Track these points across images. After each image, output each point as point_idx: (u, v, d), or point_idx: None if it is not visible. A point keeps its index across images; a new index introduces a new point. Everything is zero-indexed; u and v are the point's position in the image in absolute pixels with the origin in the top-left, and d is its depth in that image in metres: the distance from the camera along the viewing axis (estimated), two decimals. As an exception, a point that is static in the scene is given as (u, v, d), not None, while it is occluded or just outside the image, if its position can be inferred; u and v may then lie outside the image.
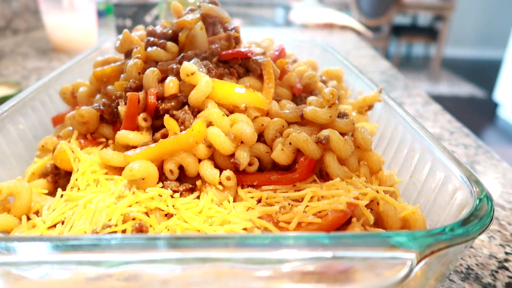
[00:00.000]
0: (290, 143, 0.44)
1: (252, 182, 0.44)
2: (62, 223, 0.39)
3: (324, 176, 0.45)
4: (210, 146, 0.44)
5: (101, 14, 1.88)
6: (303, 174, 0.43)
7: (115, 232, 0.37)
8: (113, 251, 0.27)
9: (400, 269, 0.28)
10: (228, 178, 0.43)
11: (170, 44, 0.55)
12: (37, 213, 0.42)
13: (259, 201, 0.42)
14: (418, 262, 0.28)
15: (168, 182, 0.43)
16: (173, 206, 0.40)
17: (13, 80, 1.08)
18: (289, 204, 0.40)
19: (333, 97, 0.46)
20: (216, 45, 0.54)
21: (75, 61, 0.71)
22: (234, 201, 0.42)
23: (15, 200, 0.42)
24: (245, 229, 0.37)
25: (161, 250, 0.27)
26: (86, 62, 0.74)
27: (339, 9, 2.65)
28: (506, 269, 0.47)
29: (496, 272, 0.46)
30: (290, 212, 0.39)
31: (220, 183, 0.43)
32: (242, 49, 0.53)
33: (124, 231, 0.37)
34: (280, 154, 0.44)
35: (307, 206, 0.39)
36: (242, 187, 0.44)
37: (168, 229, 0.38)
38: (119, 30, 1.28)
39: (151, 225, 0.38)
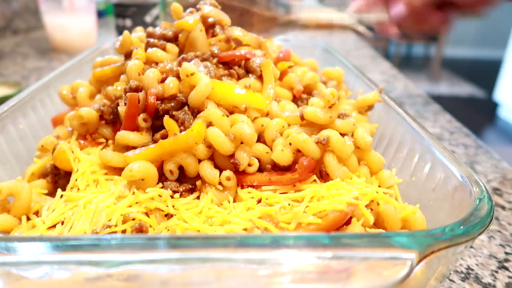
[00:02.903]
0: (290, 144, 0.44)
1: (252, 182, 0.44)
2: (62, 223, 0.39)
3: (324, 176, 0.45)
4: (210, 146, 0.44)
5: (101, 14, 1.88)
6: (303, 174, 0.43)
7: (115, 232, 0.37)
8: (113, 251, 0.27)
9: (400, 269, 0.28)
10: (228, 179, 0.43)
11: (170, 45, 0.55)
12: (36, 213, 0.42)
13: (259, 201, 0.42)
14: (418, 262, 0.28)
15: (168, 182, 0.43)
16: (173, 206, 0.40)
17: (13, 80, 1.08)
18: (289, 204, 0.40)
19: (333, 97, 0.46)
20: (216, 47, 0.54)
21: (75, 61, 0.71)
22: (234, 201, 0.42)
23: (14, 201, 0.42)
24: (245, 229, 0.37)
25: (161, 250, 0.27)
26: (86, 62, 0.74)
27: (339, 9, 2.65)
28: (506, 269, 0.47)
29: (496, 272, 0.46)
30: (290, 213, 0.39)
31: (220, 183, 0.43)
32: (242, 51, 0.53)
33: (124, 231, 0.37)
34: (280, 154, 0.44)
35: (307, 206, 0.39)
36: (242, 188, 0.44)
37: (168, 230, 0.38)
38: (119, 30, 1.28)
39: (151, 226, 0.38)
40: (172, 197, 0.42)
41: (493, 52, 5.10)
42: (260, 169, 0.46)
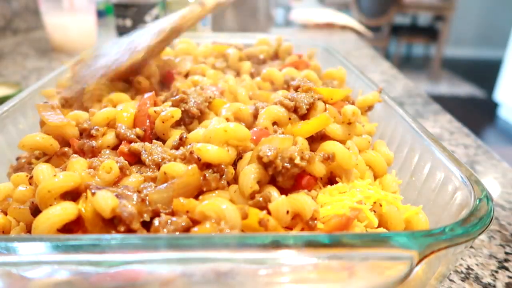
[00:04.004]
0: None
1: None
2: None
3: (334, 182, 0.43)
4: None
5: (101, 14, 1.88)
6: (307, 186, 0.41)
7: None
8: (113, 251, 0.27)
9: (400, 269, 0.28)
10: None
11: None
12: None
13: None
14: (418, 262, 0.28)
15: None
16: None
17: (13, 80, 1.08)
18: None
19: (354, 116, 0.44)
20: None
21: (75, 61, 0.71)
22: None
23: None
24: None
25: (161, 250, 0.27)
26: (86, 62, 0.73)
27: (339, 9, 2.65)
28: (506, 269, 0.47)
29: (496, 272, 0.46)
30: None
31: None
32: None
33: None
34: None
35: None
36: None
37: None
38: (119, 30, 1.29)
39: None
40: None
41: (493, 52, 5.11)
42: None
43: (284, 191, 0.39)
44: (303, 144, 0.43)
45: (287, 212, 0.35)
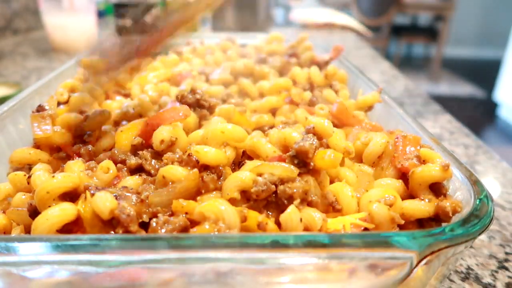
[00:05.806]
0: None
1: None
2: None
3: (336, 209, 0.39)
4: None
5: (101, 14, 1.88)
6: None
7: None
8: (113, 251, 0.27)
9: (400, 269, 0.29)
10: None
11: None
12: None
13: None
14: (418, 262, 0.28)
15: None
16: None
17: (13, 80, 1.08)
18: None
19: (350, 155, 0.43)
20: None
21: (75, 61, 0.71)
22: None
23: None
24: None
25: (161, 250, 0.27)
26: (86, 62, 0.73)
27: (339, 9, 2.65)
28: (506, 269, 0.47)
29: (496, 272, 0.46)
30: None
31: None
32: None
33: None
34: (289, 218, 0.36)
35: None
36: None
37: None
38: (119, 30, 1.29)
39: None
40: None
41: (493, 52, 5.10)
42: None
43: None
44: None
45: (301, 219, 0.34)
